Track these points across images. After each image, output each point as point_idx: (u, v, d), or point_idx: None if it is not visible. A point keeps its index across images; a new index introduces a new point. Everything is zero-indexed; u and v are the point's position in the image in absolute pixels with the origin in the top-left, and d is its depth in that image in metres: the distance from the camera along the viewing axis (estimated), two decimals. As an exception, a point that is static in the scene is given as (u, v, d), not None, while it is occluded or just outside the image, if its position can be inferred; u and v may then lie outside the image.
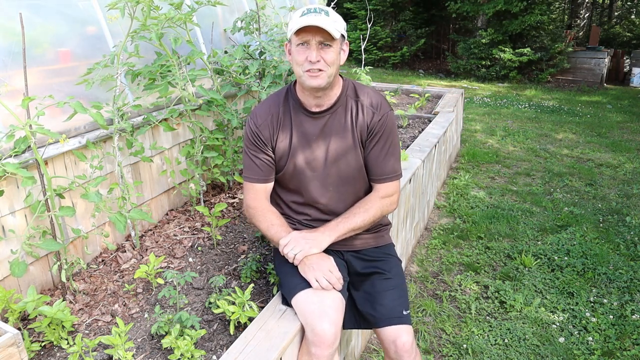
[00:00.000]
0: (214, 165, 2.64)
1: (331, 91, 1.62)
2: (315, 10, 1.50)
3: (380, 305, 1.64)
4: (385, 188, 1.70)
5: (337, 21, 1.53)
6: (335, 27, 1.50)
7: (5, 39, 1.81)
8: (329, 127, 1.65)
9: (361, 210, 1.66)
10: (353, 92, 1.68)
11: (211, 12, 3.04)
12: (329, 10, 1.53)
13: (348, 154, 1.66)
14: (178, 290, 1.87)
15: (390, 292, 1.67)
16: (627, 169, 5.13)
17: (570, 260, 3.19)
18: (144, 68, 2.19)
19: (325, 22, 1.47)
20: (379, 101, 1.67)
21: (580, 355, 2.37)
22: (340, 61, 1.59)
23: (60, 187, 1.83)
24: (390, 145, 1.68)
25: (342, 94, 1.65)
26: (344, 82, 1.67)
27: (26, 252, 1.71)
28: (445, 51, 13.88)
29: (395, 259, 1.79)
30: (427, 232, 3.65)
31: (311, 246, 1.57)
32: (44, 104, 1.68)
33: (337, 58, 1.55)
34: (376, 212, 1.67)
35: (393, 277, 1.70)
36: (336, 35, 1.49)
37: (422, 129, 4.04)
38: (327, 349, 1.46)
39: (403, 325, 1.62)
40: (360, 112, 1.65)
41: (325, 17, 1.49)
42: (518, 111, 8.08)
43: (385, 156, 1.67)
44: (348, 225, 1.63)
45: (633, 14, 17.25)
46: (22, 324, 1.70)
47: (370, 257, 1.76)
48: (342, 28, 1.55)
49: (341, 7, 13.25)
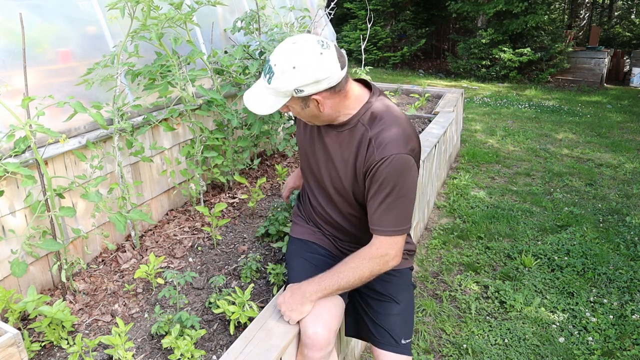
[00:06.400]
0: (214, 165, 2.64)
1: (337, 118, 1.45)
2: (264, 70, 1.35)
3: (381, 327, 1.61)
4: (379, 243, 1.44)
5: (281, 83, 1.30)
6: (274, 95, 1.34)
7: (6, 39, 1.81)
8: (333, 144, 1.51)
9: (348, 268, 1.46)
10: (369, 119, 1.42)
11: (211, 12, 3.04)
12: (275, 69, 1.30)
13: (347, 179, 1.51)
14: (178, 290, 1.87)
15: (394, 317, 1.62)
16: (627, 169, 5.13)
17: (570, 260, 3.19)
18: (144, 68, 2.19)
19: (260, 106, 1.36)
20: (389, 138, 1.37)
21: (580, 355, 2.37)
22: (321, 109, 1.36)
23: (60, 187, 1.83)
24: (395, 198, 1.39)
25: (353, 118, 1.43)
26: (365, 105, 1.43)
27: (26, 252, 1.71)
28: (445, 51, 13.89)
29: (409, 285, 1.72)
30: (427, 232, 3.65)
31: (297, 316, 1.49)
32: (44, 104, 1.68)
33: (302, 111, 1.39)
34: (363, 273, 1.45)
35: (401, 302, 1.65)
36: (271, 110, 1.36)
37: (422, 129, 4.03)
38: (318, 352, 1.45)
39: (400, 355, 1.59)
40: (364, 145, 1.41)
41: (266, 87, 1.34)
42: (518, 111, 8.08)
43: (386, 209, 1.40)
44: (333, 283, 1.46)
45: (633, 14, 17.24)
46: (22, 324, 1.70)
47: (383, 279, 1.65)
48: (288, 88, 1.30)
49: (341, 7, 13.25)
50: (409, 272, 1.75)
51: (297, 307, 1.48)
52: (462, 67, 11.83)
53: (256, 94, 1.39)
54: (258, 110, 1.39)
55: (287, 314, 1.50)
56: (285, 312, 1.51)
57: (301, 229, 1.79)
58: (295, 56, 1.28)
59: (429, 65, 14.22)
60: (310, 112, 1.39)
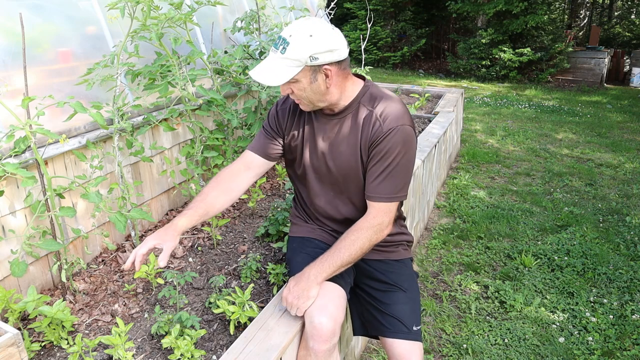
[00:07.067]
0: (214, 165, 2.64)
1: (338, 101, 1.51)
2: (275, 45, 1.40)
3: (390, 317, 1.61)
4: (375, 212, 1.51)
5: (297, 50, 1.36)
6: (287, 65, 1.38)
7: (6, 39, 1.81)
8: (336, 131, 1.56)
9: (347, 242, 1.50)
10: (369, 99, 1.52)
11: (211, 12, 3.04)
12: (291, 39, 1.37)
13: (349, 163, 1.56)
14: (178, 290, 1.87)
15: (403, 305, 1.62)
16: (627, 169, 5.13)
17: (570, 260, 3.19)
18: (144, 68, 2.19)
19: (270, 76, 1.38)
20: (393, 112, 1.48)
21: (580, 355, 2.37)
22: (328, 84, 1.43)
23: (60, 187, 1.83)
24: (395, 167, 1.47)
25: (354, 101, 1.52)
26: (363, 89, 1.53)
27: (26, 252, 1.71)
28: (445, 51, 13.89)
29: (412, 274, 1.74)
30: (427, 232, 3.65)
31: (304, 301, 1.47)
32: (44, 104, 1.68)
33: (309, 86, 1.42)
34: (363, 243, 1.49)
35: (407, 290, 1.66)
36: (283, 79, 1.38)
37: (422, 129, 4.04)
38: (324, 343, 1.44)
39: (412, 342, 1.59)
40: (369, 122, 1.50)
41: (279, 57, 1.38)
42: (518, 111, 8.08)
43: (386, 177, 1.48)
44: (335, 260, 1.48)
45: (633, 14, 17.25)
46: (22, 324, 1.70)
47: (387, 269, 1.69)
48: (304, 55, 1.36)
49: (341, 7, 13.26)
50: (410, 262, 1.78)
51: (304, 293, 1.47)
52: (462, 67, 11.83)
53: (266, 67, 1.42)
54: (268, 80, 1.40)
55: (295, 303, 1.47)
56: (292, 302, 1.48)
57: (301, 228, 1.80)
58: (311, 27, 1.37)
59: (429, 65, 14.23)
60: (317, 87, 1.43)
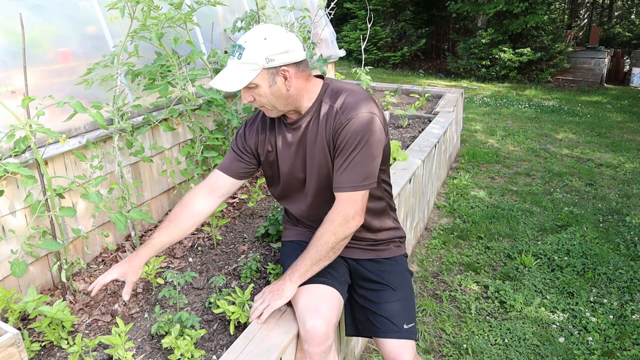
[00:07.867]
0: (214, 165, 2.63)
1: (302, 103, 1.51)
2: (232, 52, 1.42)
3: (380, 316, 1.61)
4: (337, 203, 1.48)
5: (253, 53, 1.37)
6: (245, 70, 1.38)
7: (6, 39, 1.81)
8: (305, 136, 1.55)
9: (314, 240, 1.49)
10: (330, 96, 1.52)
11: (211, 12, 3.04)
12: (246, 44, 1.38)
13: (322, 163, 1.54)
14: (178, 290, 1.87)
15: (393, 304, 1.62)
16: (627, 169, 5.13)
17: (570, 260, 3.19)
18: (144, 68, 2.19)
19: (229, 81, 1.39)
20: (351, 102, 1.47)
21: (580, 355, 2.37)
22: (288, 86, 1.43)
23: (60, 187, 1.83)
24: (357, 155, 1.45)
25: (315, 103, 1.52)
26: (322, 87, 1.53)
27: (26, 252, 1.71)
28: (445, 51, 13.89)
29: (405, 272, 1.73)
30: (427, 232, 3.65)
31: (276, 299, 1.51)
32: (44, 104, 1.68)
33: (269, 90, 1.42)
34: (328, 238, 1.47)
35: (398, 289, 1.65)
36: (242, 84, 1.38)
37: (422, 129, 4.04)
38: (318, 346, 1.44)
39: (404, 340, 1.58)
40: (331, 117, 1.48)
41: (237, 63, 1.39)
42: (518, 111, 8.08)
43: (349, 167, 1.46)
44: (305, 261, 1.49)
45: (633, 14, 17.25)
46: (22, 324, 1.70)
47: (378, 269, 1.69)
48: (259, 58, 1.37)
49: (341, 7, 13.26)
50: (404, 259, 1.77)
51: (278, 292, 1.51)
52: (462, 67, 11.83)
53: (225, 74, 1.43)
54: (226, 86, 1.40)
55: (267, 298, 1.51)
56: (265, 298, 1.52)
57: (291, 232, 1.83)
58: (265, 31, 1.40)
59: (429, 65, 14.23)
60: (277, 90, 1.43)
